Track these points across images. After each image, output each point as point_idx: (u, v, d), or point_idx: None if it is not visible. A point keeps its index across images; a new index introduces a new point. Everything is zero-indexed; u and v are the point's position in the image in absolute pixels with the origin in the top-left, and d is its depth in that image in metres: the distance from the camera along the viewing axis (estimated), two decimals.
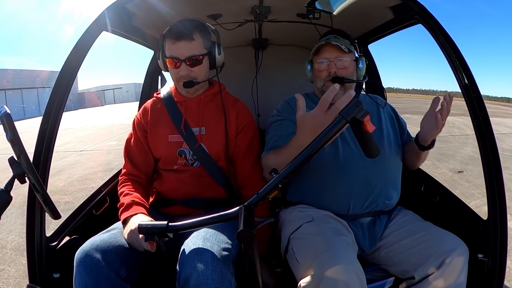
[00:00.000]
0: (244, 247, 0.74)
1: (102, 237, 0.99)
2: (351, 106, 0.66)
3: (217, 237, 0.97)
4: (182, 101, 1.26)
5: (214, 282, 0.85)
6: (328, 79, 1.23)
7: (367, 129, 0.66)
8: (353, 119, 0.66)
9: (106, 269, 0.92)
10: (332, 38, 1.25)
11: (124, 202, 1.12)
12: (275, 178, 0.73)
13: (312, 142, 0.71)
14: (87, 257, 0.92)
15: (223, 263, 0.90)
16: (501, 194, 1.03)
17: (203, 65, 1.17)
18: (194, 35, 1.13)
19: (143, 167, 1.27)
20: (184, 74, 1.15)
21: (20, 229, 2.79)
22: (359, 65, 1.25)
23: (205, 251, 0.90)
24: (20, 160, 0.79)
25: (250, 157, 1.27)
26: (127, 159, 1.28)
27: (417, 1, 1.14)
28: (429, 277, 0.97)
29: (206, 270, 0.86)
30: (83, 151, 7.02)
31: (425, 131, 1.12)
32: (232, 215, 0.75)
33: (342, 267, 0.86)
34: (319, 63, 1.24)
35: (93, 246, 0.94)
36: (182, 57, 1.13)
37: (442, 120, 1.05)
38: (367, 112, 0.66)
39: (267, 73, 2.19)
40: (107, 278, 0.92)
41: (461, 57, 1.07)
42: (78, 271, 0.91)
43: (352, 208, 1.15)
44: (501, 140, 7.61)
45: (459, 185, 4.03)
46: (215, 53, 1.19)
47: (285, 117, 1.25)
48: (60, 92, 1.07)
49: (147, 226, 0.82)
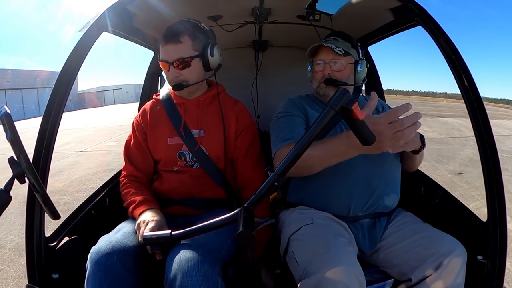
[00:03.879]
0: (244, 249, 0.74)
1: (116, 237, 0.99)
2: (338, 96, 0.66)
3: (206, 238, 0.97)
4: (181, 103, 1.26)
5: (199, 283, 0.86)
6: (322, 81, 1.24)
7: (357, 116, 0.66)
8: (341, 108, 0.66)
9: (122, 269, 0.93)
10: (331, 40, 1.26)
11: (137, 199, 1.13)
12: (271, 177, 0.72)
13: (303, 135, 0.71)
14: (103, 258, 0.92)
15: (208, 264, 0.90)
16: (501, 196, 1.03)
17: (193, 67, 1.16)
18: (181, 37, 1.13)
19: (143, 168, 1.27)
20: (173, 77, 1.15)
21: (19, 229, 2.79)
22: (358, 68, 1.25)
23: (190, 252, 0.90)
24: (20, 160, 0.79)
25: (250, 159, 1.27)
26: (127, 160, 1.28)
27: (417, 3, 1.15)
28: (427, 279, 0.97)
29: (190, 271, 0.87)
30: (83, 152, 7.02)
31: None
32: (233, 218, 0.75)
33: (342, 269, 0.85)
34: (316, 64, 1.26)
35: (109, 247, 0.94)
36: (170, 60, 1.14)
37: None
38: (354, 100, 0.66)
39: (267, 75, 2.19)
40: (122, 279, 0.93)
41: (461, 59, 1.07)
42: (92, 272, 0.91)
43: (353, 209, 1.14)
44: (501, 142, 7.62)
45: (458, 187, 4.04)
46: (207, 54, 1.18)
47: (293, 113, 1.24)
48: (60, 92, 1.07)
49: (152, 237, 0.83)
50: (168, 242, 0.82)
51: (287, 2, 1.46)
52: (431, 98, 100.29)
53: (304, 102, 1.29)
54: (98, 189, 1.51)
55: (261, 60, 2.16)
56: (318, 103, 1.30)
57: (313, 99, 1.33)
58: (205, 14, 1.55)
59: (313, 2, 1.38)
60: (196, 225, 0.80)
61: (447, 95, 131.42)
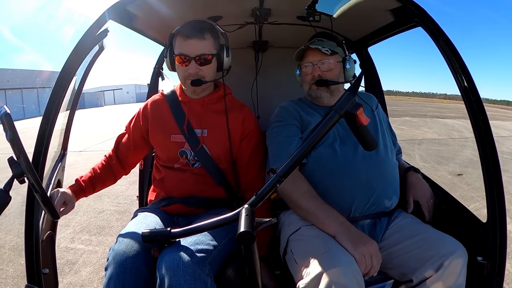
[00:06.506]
0: (244, 249, 0.74)
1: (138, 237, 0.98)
2: (343, 100, 0.67)
3: (197, 238, 0.97)
4: (186, 102, 1.26)
5: (187, 283, 0.86)
6: (313, 82, 1.25)
7: (361, 121, 0.67)
8: (346, 112, 0.66)
9: (146, 271, 0.93)
10: (316, 41, 1.28)
11: (82, 175, 1.25)
12: (273, 178, 0.73)
13: (308, 138, 0.71)
14: (128, 260, 0.92)
15: (196, 264, 0.90)
16: (501, 197, 1.03)
17: (212, 65, 1.18)
18: (205, 34, 1.15)
19: (121, 150, 1.34)
20: (193, 72, 1.15)
21: (18, 229, 2.78)
22: (346, 66, 1.25)
23: (179, 252, 0.90)
24: (20, 160, 0.79)
25: (255, 163, 1.28)
26: (115, 142, 1.36)
27: (417, 4, 1.15)
28: (427, 280, 0.97)
29: (178, 271, 0.87)
30: (82, 152, 7.02)
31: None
32: (233, 218, 0.75)
33: (341, 269, 0.85)
34: (304, 67, 1.27)
35: (134, 248, 0.94)
36: (192, 55, 1.14)
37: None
38: (360, 105, 0.66)
39: (267, 75, 2.19)
40: (144, 280, 0.93)
41: (461, 60, 1.07)
42: (116, 273, 0.90)
43: (354, 211, 1.14)
44: (501, 143, 7.62)
45: (458, 188, 4.04)
46: (223, 55, 1.20)
47: (288, 121, 1.25)
48: (60, 92, 1.07)
49: (151, 234, 0.82)
50: (167, 240, 0.82)
51: (287, 3, 1.46)
52: (431, 99, 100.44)
53: (298, 108, 1.29)
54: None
55: (261, 61, 2.16)
56: (312, 106, 1.31)
57: (306, 103, 1.33)
58: (205, 14, 1.55)
59: (313, 3, 1.38)
60: (195, 224, 0.80)
61: (447, 96, 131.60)
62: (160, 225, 1.11)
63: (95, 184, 1.26)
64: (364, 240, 0.95)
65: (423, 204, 1.22)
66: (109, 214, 3.25)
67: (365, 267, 0.92)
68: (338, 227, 1.00)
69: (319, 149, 1.17)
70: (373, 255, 0.93)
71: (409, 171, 1.33)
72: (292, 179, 1.02)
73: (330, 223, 1.02)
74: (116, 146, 1.35)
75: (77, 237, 2.74)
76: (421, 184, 1.27)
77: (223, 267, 1.06)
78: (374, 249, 0.94)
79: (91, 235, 2.78)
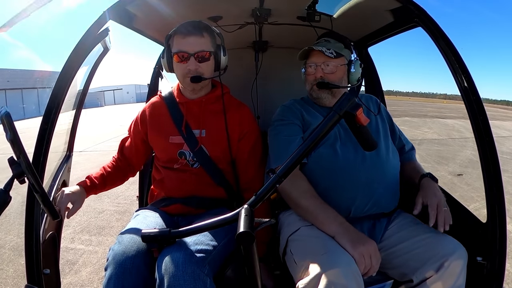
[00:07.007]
0: (244, 249, 0.74)
1: (138, 237, 0.98)
2: (343, 100, 0.67)
3: (197, 238, 0.98)
4: (184, 102, 1.26)
5: (186, 283, 0.86)
6: (314, 83, 1.25)
7: (361, 122, 0.67)
8: (346, 113, 0.67)
9: (146, 271, 0.93)
10: (322, 42, 1.27)
11: (91, 174, 1.30)
12: (272, 178, 0.73)
13: (307, 138, 0.71)
14: (128, 260, 0.92)
15: (195, 264, 0.90)
16: (501, 197, 1.03)
17: (210, 62, 1.19)
18: (204, 32, 1.16)
19: (126, 153, 1.37)
20: (193, 68, 1.16)
21: (18, 229, 2.78)
22: (351, 69, 1.25)
23: (178, 252, 0.90)
24: (20, 160, 0.79)
25: (254, 162, 1.28)
26: (119, 146, 1.40)
27: (417, 4, 1.15)
28: (428, 280, 0.97)
29: (177, 271, 0.87)
30: (83, 152, 7.01)
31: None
32: (232, 218, 0.75)
33: (340, 270, 0.85)
34: (308, 66, 1.27)
35: (133, 248, 0.95)
36: (191, 51, 1.15)
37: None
38: (359, 105, 0.67)
39: (267, 76, 2.19)
40: (144, 280, 0.93)
41: (461, 60, 1.07)
42: (115, 273, 0.91)
43: (353, 211, 1.14)
44: (501, 143, 7.62)
45: (458, 188, 4.04)
46: (220, 54, 1.21)
47: (290, 120, 1.25)
48: (60, 92, 1.07)
49: (151, 234, 0.82)
50: (166, 240, 0.82)
51: (287, 3, 1.46)
52: (431, 99, 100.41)
53: (300, 107, 1.29)
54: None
55: (261, 61, 2.16)
56: (314, 106, 1.31)
57: (308, 103, 1.33)
58: (205, 14, 1.55)
59: (313, 3, 1.38)
60: (195, 224, 0.80)
61: (447, 96, 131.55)
62: (160, 225, 1.11)
63: (106, 182, 1.31)
64: (363, 240, 0.95)
65: (436, 210, 1.09)
66: (109, 214, 3.25)
67: (364, 267, 0.92)
68: (337, 227, 1.00)
69: (320, 149, 1.17)
70: (372, 255, 0.93)
71: (425, 177, 1.20)
72: (292, 178, 1.01)
73: (329, 223, 1.02)
74: (120, 149, 1.39)
75: (77, 237, 2.74)
76: (437, 191, 1.15)
77: (223, 267, 1.06)
78: (373, 249, 0.94)
79: (91, 235, 2.78)
